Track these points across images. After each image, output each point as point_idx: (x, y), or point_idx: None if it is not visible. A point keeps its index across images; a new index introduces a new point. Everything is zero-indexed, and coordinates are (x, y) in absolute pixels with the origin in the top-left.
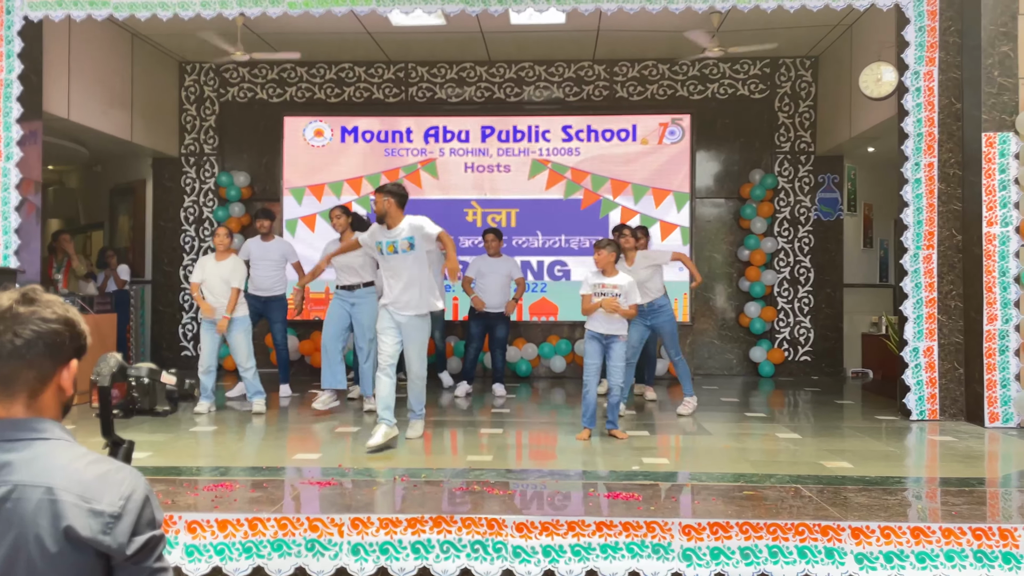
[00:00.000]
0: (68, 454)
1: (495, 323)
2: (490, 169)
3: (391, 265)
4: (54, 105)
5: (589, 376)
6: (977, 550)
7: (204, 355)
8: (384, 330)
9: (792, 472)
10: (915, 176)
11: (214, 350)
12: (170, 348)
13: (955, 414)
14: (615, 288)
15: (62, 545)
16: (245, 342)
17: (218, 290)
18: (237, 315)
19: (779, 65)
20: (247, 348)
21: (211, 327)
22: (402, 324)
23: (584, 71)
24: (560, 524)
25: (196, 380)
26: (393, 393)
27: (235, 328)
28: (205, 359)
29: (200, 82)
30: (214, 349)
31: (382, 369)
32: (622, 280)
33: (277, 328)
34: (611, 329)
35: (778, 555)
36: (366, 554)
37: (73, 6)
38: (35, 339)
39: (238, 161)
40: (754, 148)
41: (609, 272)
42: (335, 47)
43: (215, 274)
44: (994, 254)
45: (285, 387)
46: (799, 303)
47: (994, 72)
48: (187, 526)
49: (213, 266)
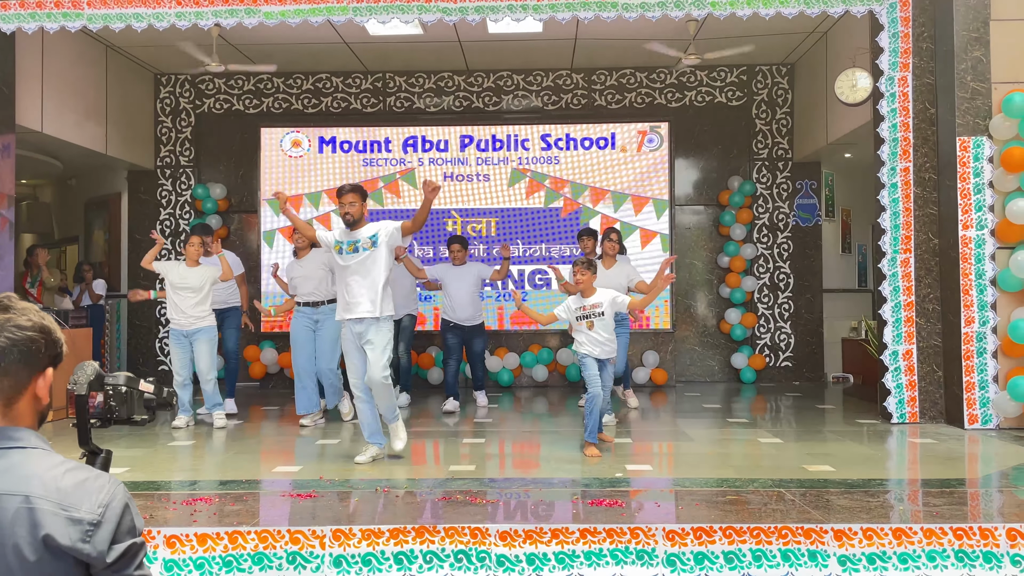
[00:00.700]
0: (45, 462)
1: (470, 336)
2: (469, 178)
3: (349, 267)
4: (27, 118)
5: (596, 388)
6: (958, 550)
7: (176, 368)
8: (349, 352)
9: (775, 476)
10: (891, 181)
11: (186, 363)
12: (146, 363)
13: (935, 416)
14: (597, 308)
15: (41, 554)
16: (209, 352)
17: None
18: (205, 324)
19: (756, 72)
20: (211, 359)
21: (181, 341)
22: (361, 333)
23: (562, 80)
24: (544, 532)
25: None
26: (376, 415)
27: (202, 336)
28: (179, 372)
29: (175, 93)
30: (186, 362)
31: (357, 398)
32: (603, 297)
33: (230, 334)
34: (605, 353)
35: (762, 559)
36: (348, 566)
37: (46, 18)
38: (10, 347)
39: (215, 173)
40: (732, 155)
41: (588, 293)
42: (312, 57)
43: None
44: (970, 257)
45: (230, 402)
46: (779, 309)
47: (967, 77)
48: (166, 541)
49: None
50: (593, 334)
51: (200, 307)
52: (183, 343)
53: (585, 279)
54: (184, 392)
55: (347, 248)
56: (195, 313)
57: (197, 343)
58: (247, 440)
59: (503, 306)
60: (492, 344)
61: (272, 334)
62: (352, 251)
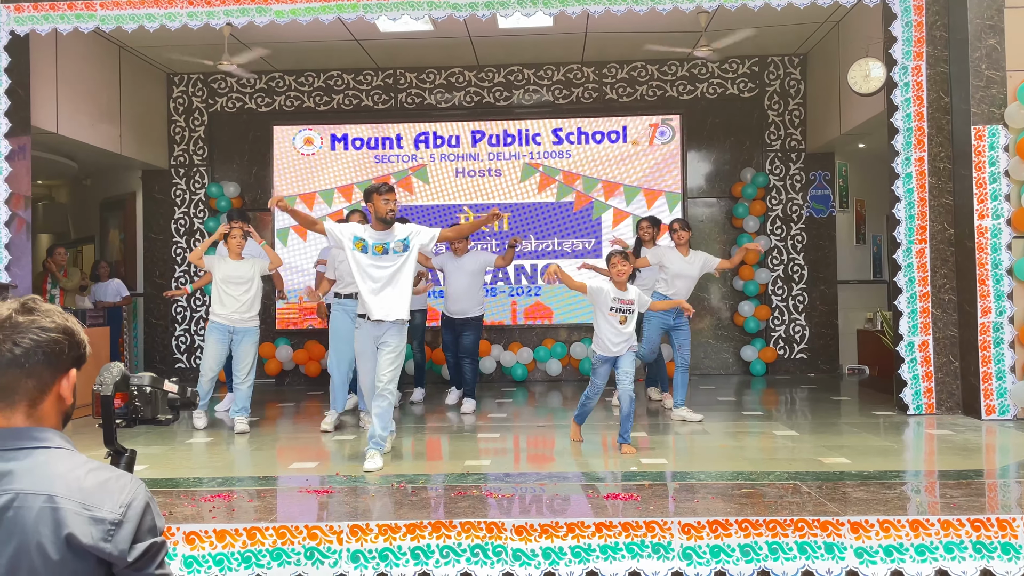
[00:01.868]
0: (68, 462)
1: (461, 330)
2: (481, 174)
3: (373, 267)
4: (42, 119)
5: (594, 395)
6: (976, 541)
7: (210, 363)
8: (362, 354)
9: (790, 469)
10: (906, 171)
11: (220, 359)
12: (163, 360)
13: (952, 408)
14: (631, 304)
15: (64, 553)
16: (252, 355)
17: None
18: (252, 325)
19: (768, 63)
20: (252, 362)
21: (223, 335)
22: (378, 336)
23: (573, 74)
24: (560, 526)
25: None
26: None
27: (248, 338)
28: (212, 368)
29: (188, 93)
30: (221, 358)
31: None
32: (634, 294)
33: None
34: (625, 349)
35: (778, 551)
36: (366, 561)
37: (60, 19)
38: (34, 348)
39: (228, 171)
40: (745, 147)
41: (623, 287)
42: (323, 55)
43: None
44: (986, 247)
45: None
46: (793, 301)
47: (982, 65)
48: (185, 537)
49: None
50: (623, 328)
51: (252, 303)
52: (224, 338)
53: (625, 270)
54: (209, 386)
55: (373, 248)
56: (245, 311)
57: (241, 344)
58: (263, 437)
59: (516, 300)
60: (506, 339)
61: (287, 331)
62: (380, 252)
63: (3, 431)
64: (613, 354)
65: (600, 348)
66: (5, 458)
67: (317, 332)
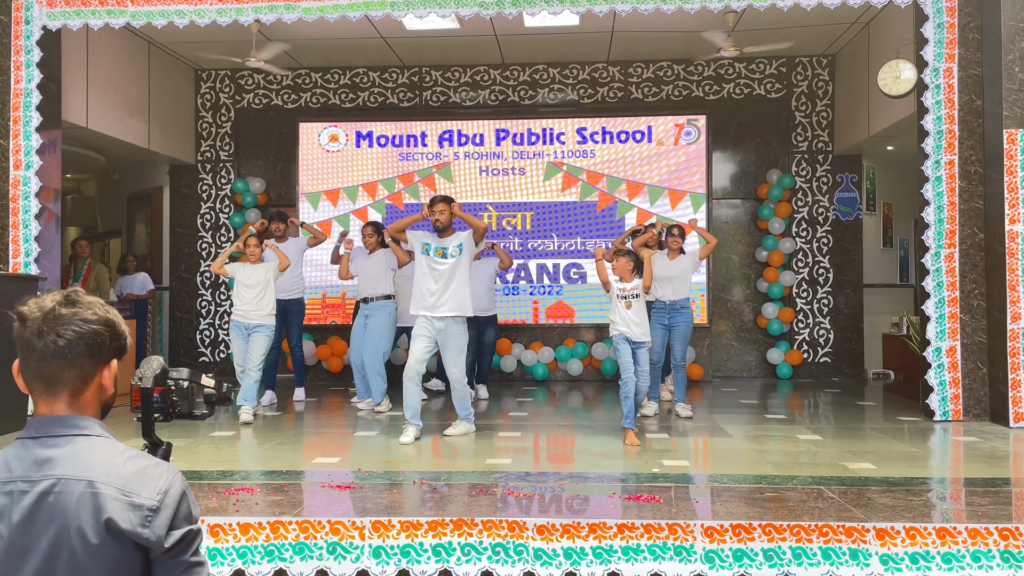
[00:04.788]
0: (108, 450)
1: (484, 326)
2: (505, 172)
3: (435, 269)
4: (72, 114)
5: (629, 375)
6: (1004, 550)
7: (238, 360)
8: (417, 336)
9: (814, 474)
10: (936, 174)
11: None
12: (187, 354)
13: (979, 414)
14: (634, 290)
15: (103, 537)
16: (263, 348)
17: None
18: (265, 321)
19: (795, 64)
20: (262, 354)
21: (242, 332)
22: (441, 329)
23: (598, 73)
24: (581, 526)
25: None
26: (420, 398)
27: (261, 332)
28: (240, 364)
29: (216, 89)
30: (246, 355)
31: (409, 377)
32: (637, 284)
33: (293, 332)
34: (641, 335)
35: (802, 557)
36: (387, 557)
37: (91, 15)
38: (77, 339)
39: (254, 167)
40: (771, 148)
41: (626, 279)
42: (349, 52)
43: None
44: (1017, 252)
45: (300, 391)
46: (818, 304)
47: (1015, 68)
48: (209, 529)
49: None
50: (630, 314)
51: (262, 301)
52: (243, 334)
53: (622, 265)
54: (247, 379)
55: (435, 252)
56: (257, 308)
57: (254, 337)
58: (286, 431)
59: (538, 300)
60: (527, 338)
61: (310, 327)
62: (441, 256)
63: (46, 419)
64: (624, 333)
65: (614, 329)
66: (47, 444)
67: (339, 328)
